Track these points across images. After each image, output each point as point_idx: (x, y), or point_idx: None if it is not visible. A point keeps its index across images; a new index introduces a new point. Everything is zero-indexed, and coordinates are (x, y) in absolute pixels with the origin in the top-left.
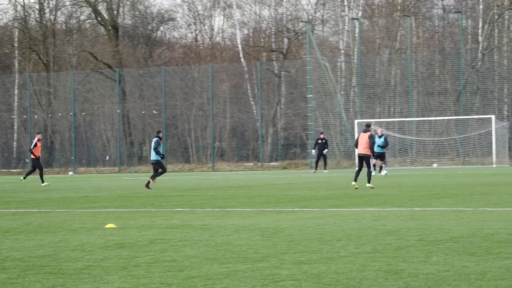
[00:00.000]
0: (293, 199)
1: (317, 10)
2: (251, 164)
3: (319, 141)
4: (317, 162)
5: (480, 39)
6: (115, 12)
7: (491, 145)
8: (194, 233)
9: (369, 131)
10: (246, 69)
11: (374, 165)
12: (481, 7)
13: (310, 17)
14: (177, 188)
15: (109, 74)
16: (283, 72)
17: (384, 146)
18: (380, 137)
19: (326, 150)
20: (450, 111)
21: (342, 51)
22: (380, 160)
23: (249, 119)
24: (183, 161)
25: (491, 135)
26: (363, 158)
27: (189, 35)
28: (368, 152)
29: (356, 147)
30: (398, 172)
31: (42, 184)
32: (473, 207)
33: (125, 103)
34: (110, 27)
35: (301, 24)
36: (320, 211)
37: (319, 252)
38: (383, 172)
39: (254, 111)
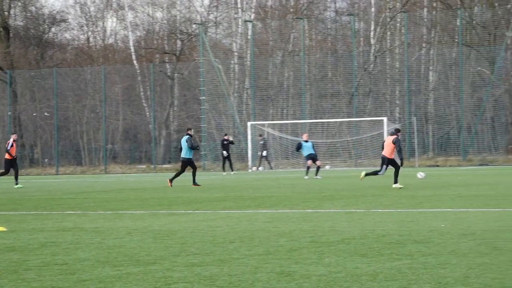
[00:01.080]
0: (186, 201)
1: (210, 12)
2: (143, 166)
3: (225, 142)
4: (224, 164)
5: (372, 41)
6: (6, 13)
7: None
8: (85, 236)
9: (396, 135)
10: (138, 71)
11: (309, 167)
12: (373, 10)
13: (203, 19)
14: (68, 190)
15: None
16: (176, 74)
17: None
18: (306, 142)
19: (225, 152)
20: (343, 113)
21: (235, 53)
22: (316, 160)
23: (141, 121)
24: (75, 163)
25: (383, 136)
26: (384, 160)
27: (81, 36)
28: (388, 156)
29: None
30: (291, 174)
31: (15, 186)
32: (364, 209)
33: (16, 105)
34: (1, 28)
35: (194, 26)
36: (213, 213)
37: (211, 254)
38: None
39: (147, 113)
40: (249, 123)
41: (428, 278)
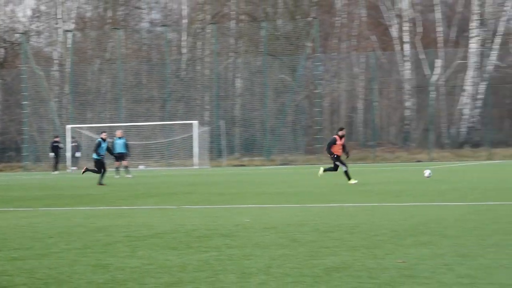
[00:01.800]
0: (8, 200)
1: (32, 22)
2: None
3: (54, 144)
4: (55, 164)
5: (184, 50)
6: None
7: (193, 148)
8: None
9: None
10: None
11: (124, 168)
12: (185, 21)
13: (26, 29)
14: None
15: None
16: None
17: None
18: (120, 138)
19: (52, 154)
20: (156, 117)
21: (56, 61)
22: (123, 160)
23: None
24: None
25: (193, 139)
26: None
27: None
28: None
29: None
30: (108, 174)
31: None
32: (175, 205)
33: None
34: None
35: (17, 35)
36: (34, 210)
37: (31, 249)
38: (130, 175)
39: None
40: (68, 126)
41: (233, 269)
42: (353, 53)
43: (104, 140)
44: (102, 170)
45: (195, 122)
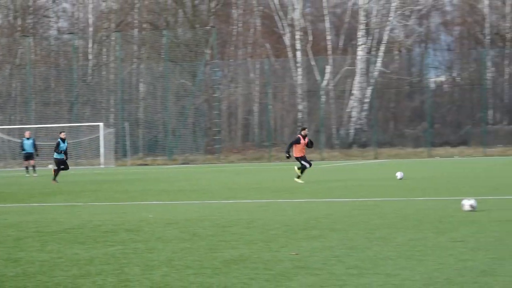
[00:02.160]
0: None
1: None
2: None
3: None
4: None
5: (90, 57)
6: None
7: (99, 148)
8: None
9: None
10: None
11: (31, 167)
12: (91, 29)
13: None
14: None
15: None
16: None
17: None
18: (28, 139)
19: None
20: (64, 119)
21: None
22: (31, 160)
23: None
24: None
25: (99, 140)
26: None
27: None
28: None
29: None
30: (14, 173)
31: None
32: (83, 202)
33: None
34: None
35: None
36: None
37: None
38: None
39: None
40: None
41: (138, 262)
42: (249, 60)
43: (63, 139)
44: (62, 167)
45: (101, 124)
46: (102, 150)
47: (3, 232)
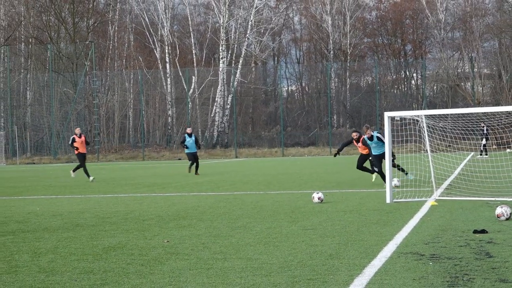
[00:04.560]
0: None
1: None
2: None
3: None
4: None
5: None
6: None
7: None
8: None
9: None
10: None
11: None
12: None
13: None
14: None
15: None
16: None
17: None
18: None
19: None
20: None
21: None
22: None
23: None
24: None
25: None
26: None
27: None
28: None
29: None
30: None
31: None
32: None
33: None
34: None
35: None
36: None
37: None
38: None
39: None
40: None
41: (27, 250)
42: (124, 71)
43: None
44: None
45: None
46: None
47: None
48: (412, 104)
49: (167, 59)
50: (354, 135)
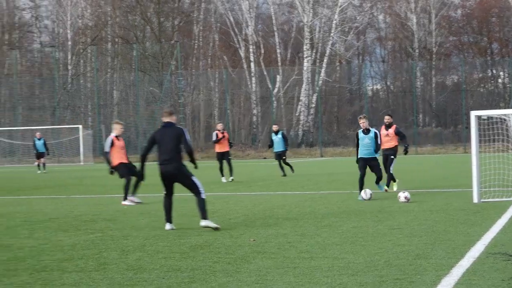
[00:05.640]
0: None
1: None
2: None
3: None
4: None
5: (69, 67)
6: None
7: (79, 147)
8: None
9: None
10: None
11: (42, 164)
12: (69, 43)
13: None
14: None
15: None
16: None
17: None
18: (39, 139)
19: None
20: (48, 122)
21: None
22: (42, 158)
23: None
24: None
25: (79, 140)
26: None
27: None
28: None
29: None
30: (8, 169)
31: None
32: (66, 195)
33: None
34: None
35: None
36: None
37: None
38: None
39: None
40: None
41: (115, 247)
42: (209, 70)
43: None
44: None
45: (80, 126)
46: (81, 149)
47: None
48: (498, 103)
49: (251, 58)
50: (387, 118)
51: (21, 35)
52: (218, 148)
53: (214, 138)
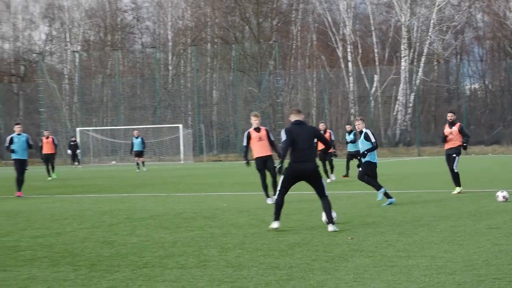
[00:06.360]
0: (29, 188)
1: (46, 44)
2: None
3: (71, 143)
4: (74, 158)
5: (170, 68)
6: None
7: (179, 146)
8: None
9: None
10: None
11: (141, 162)
12: (170, 44)
13: (41, 49)
14: None
15: None
16: (21, 92)
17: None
18: (137, 138)
19: (69, 151)
20: (149, 121)
21: (66, 76)
22: (141, 156)
23: None
24: None
25: (179, 139)
26: None
27: None
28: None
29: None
30: (112, 167)
31: None
32: (166, 193)
33: None
34: None
35: (34, 55)
36: (51, 197)
37: (50, 228)
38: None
39: None
40: (77, 129)
41: (214, 245)
42: (307, 70)
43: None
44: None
45: (180, 126)
46: (181, 148)
47: (99, 219)
48: None
49: (349, 58)
50: (450, 116)
51: (123, 36)
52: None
53: None
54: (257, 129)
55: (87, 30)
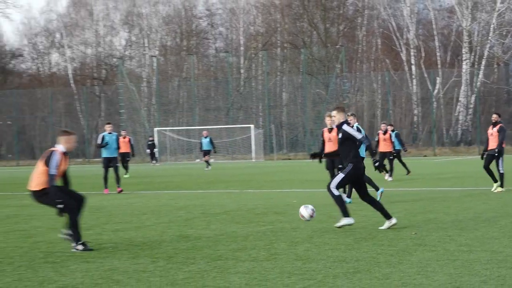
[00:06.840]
0: (111, 185)
1: (126, 49)
2: (80, 160)
3: (149, 143)
4: (152, 156)
5: (242, 71)
6: None
7: (251, 146)
8: (38, 210)
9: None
10: (75, 91)
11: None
12: (242, 48)
13: (121, 54)
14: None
15: None
16: (102, 94)
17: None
18: (205, 137)
19: (148, 150)
20: (222, 122)
21: (145, 79)
22: (208, 155)
23: (78, 128)
24: (31, 158)
25: (251, 139)
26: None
27: (33, 66)
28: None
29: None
30: (187, 165)
31: None
32: (239, 190)
33: None
34: None
35: (114, 59)
36: (131, 193)
37: (130, 223)
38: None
39: (81, 122)
40: (155, 129)
41: (284, 239)
42: (372, 73)
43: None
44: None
45: (251, 126)
46: (253, 147)
47: (175, 214)
48: None
49: (412, 61)
50: (494, 117)
51: (198, 41)
52: (380, 148)
53: (375, 138)
54: (330, 129)
55: (164, 36)
